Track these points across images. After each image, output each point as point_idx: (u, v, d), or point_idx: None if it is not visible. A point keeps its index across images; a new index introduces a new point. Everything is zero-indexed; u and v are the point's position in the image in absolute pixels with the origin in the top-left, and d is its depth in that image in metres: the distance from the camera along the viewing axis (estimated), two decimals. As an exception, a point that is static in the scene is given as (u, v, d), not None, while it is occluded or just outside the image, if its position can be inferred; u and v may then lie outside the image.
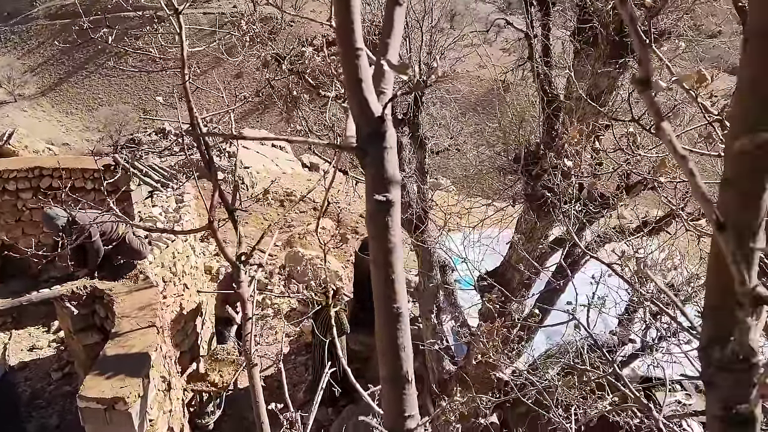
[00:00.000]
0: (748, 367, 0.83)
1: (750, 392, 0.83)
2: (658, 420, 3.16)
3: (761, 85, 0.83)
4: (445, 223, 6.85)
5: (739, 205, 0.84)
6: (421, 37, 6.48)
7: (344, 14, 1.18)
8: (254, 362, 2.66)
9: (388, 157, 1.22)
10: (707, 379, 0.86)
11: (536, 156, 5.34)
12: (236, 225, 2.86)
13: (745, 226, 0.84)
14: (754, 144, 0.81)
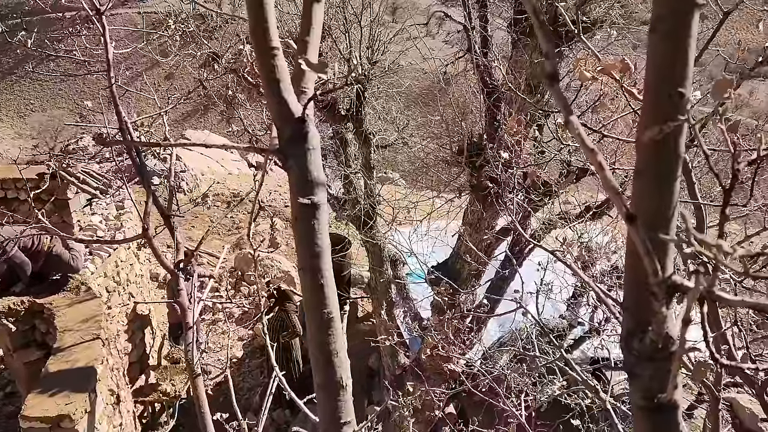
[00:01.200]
0: (667, 356, 0.83)
1: (672, 381, 0.84)
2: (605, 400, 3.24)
3: (667, 77, 0.83)
4: (393, 217, 6.86)
5: (651, 195, 0.84)
6: (360, 31, 6.45)
7: (257, 13, 1.14)
8: (198, 372, 2.59)
9: (311, 158, 1.19)
10: (629, 369, 0.87)
11: (479, 147, 5.39)
12: (173, 231, 2.77)
13: (657, 216, 0.84)
14: (662, 133, 0.82)
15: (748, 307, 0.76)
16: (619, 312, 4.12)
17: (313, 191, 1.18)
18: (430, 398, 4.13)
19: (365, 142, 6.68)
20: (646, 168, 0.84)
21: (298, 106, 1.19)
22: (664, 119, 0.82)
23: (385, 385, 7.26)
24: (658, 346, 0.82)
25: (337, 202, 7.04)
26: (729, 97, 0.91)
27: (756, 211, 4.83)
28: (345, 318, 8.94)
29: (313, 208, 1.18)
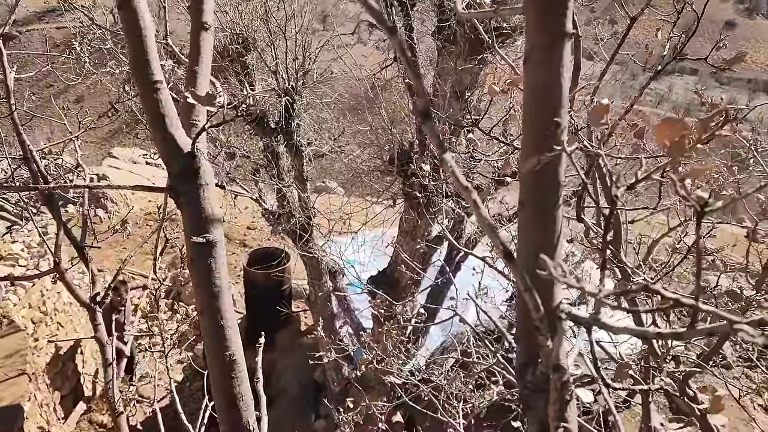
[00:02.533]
0: (560, 387, 0.83)
1: (566, 410, 0.83)
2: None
3: (543, 107, 0.83)
4: (330, 229, 6.80)
5: (534, 226, 0.84)
6: (285, 43, 6.38)
7: (137, 47, 1.08)
8: (120, 410, 2.47)
9: (204, 194, 1.14)
10: (525, 402, 0.86)
11: (409, 155, 5.41)
12: (87, 263, 2.64)
13: (541, 247, 0.84)
14: (541, 164, 0.81)
15: (632, 334, 0.77)
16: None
17: (207, 229, 1.13)
18: (372, 411, 4.10)
19: (297, 154, 6.60)
20: (528, 199, 0.84)
21: (187, 140, 1.14)
22: (541, 150, 0.81)
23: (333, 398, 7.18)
24: (549, 377, 0.82)
25: (272, 216, 6.93)
26: (605, 123, 0.92)
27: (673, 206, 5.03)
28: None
29: (209, 247, 1.13)
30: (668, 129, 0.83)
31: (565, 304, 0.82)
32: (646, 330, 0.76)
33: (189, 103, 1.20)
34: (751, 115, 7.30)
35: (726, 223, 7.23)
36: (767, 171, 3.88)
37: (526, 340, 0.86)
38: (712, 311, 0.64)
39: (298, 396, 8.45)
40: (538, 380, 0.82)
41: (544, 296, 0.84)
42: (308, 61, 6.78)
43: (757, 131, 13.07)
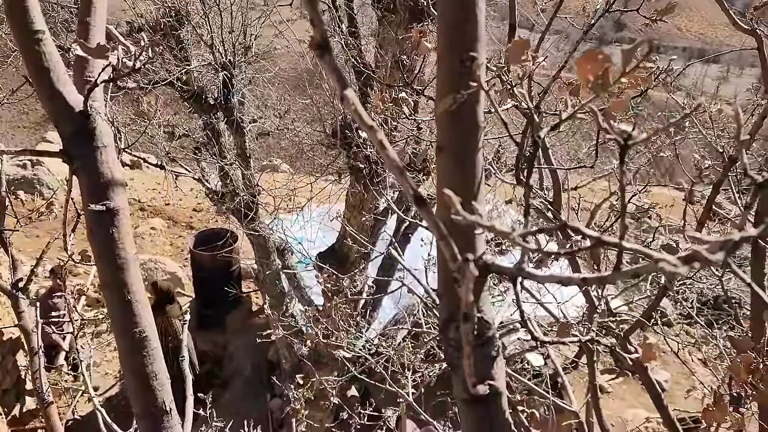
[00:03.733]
0: (486, 342, 0.77)
1: (492, 367, 0.78)
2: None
3: (457, 40, 0.76)
4: (276, 207, 6.66)
5: (453, 171, 0.77)
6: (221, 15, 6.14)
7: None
8: (49, 400, 2.33)
9: (102, 158, 1.03)
10: (449, 361, 0.80)
11: (352, 127, 5.31)
12: (6, 247, 2.47)
13: (461, 194, 0.78)
14: (456, 103, 0.75)
15: (557, 282, 0.72)
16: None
17: (107, 195, 1.03)
18: (323, 386, 4.05)
19: (238, 131, 6.40)
20: (445, 143, 0.78)
21: (79, 97, 1.02)
22: (456, 88, 0.75)
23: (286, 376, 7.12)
24: (474, 333, 0.76)
25: (215, 195, 6.73)
26: (526, 59, 0.86)
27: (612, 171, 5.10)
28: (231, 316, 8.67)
29: (110, 215, 1.03)
30: (590, 63, 0.78)
31: (489, 255, 0.77)
32: (571, 276, 0.71)
33: (81, 57, 1.08)
34: (686, 81, 7.19)
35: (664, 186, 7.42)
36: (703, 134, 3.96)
37: (447, 295, 0.80)
38: (635, 249, 0.59)
39: (252, 376, 8.35)
40: (460, 338, 0.77)
41: (464, 246, 0.78)
42: (247, 36, 6.57)
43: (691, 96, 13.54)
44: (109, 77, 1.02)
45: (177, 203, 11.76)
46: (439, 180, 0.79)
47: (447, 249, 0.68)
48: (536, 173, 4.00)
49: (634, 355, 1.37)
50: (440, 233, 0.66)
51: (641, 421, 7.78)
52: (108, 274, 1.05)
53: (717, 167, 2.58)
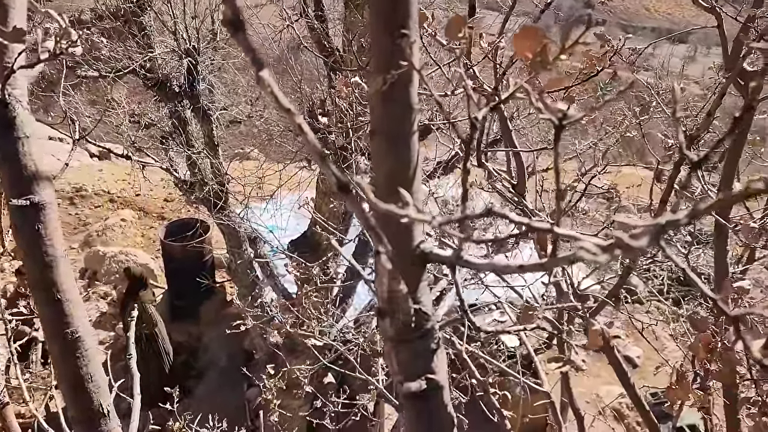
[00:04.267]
0: (423, 335, 0.74)
1: (432, 361, 0.75)
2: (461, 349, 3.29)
3: (389, 16, 0.72)
4: (247, 195, 6.57)
5: (386, 155, 0.73)
6: (183, 1, 5.99)
7: None
8: (5, 401, 2.26)
9: (24, 149, 0.97)
10: (389, 357, 0.77)
11: (323, 113, 5.23)
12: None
13: (395, 178, 0.74)
14: (387, 83, 0.71)
15: (495, 270, 0.68)
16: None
17: (31, 189, 0.97)
18: (295, 376, 4.02)
19: (205, 119, 6.28)
20: (378, 126, 0.74)
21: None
22: (387, 68, 0.71)
23: (260, 366, 7.07)
24: (411, 325, 0.73)
25: (184, 185, 6.61)
26: (464, 36, 0.83)
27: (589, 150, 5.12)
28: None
29: (35, 210, 0.97)
30: (527, 39, 0.74)
31: (428, 243, 0.73)
32: (508, 264, 0.67)
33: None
34: (654, 62, 7.21)
35: (633, 165, 7.48)
36: (667, 113, 3.97)
37: (381, 285, 0.76)
38: (566, 234, 0.55)
39: (228, 367, 8.28)
40: (400, 330, 0.74)
41: (401, 234, 0.74)
42: (213, 21, 6.43)
43: (659, 76, 13.60)
44: (29, 63, 0.95)
45: (147, 194, 11.55)
46: (373, 165, 0.74)
47: (374, 237, 0.64)
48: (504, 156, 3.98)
49: (582, 343, 1.36)
50: (366, 223, 0.62)
51: (615, 397, 7.89)
52: (36, 272, 0.99)
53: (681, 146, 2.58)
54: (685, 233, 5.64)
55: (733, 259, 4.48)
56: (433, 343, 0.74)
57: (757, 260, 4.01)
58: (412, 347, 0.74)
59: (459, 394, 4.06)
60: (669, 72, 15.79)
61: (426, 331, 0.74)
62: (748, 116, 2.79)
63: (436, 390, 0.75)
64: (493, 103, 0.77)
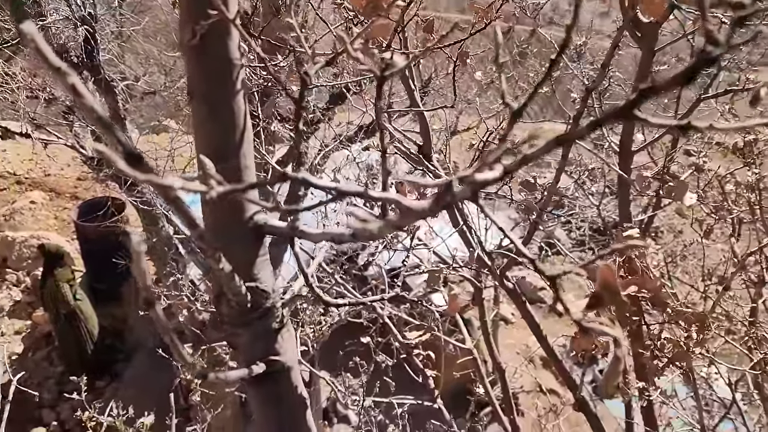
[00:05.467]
0: (262, 315, 0.68)
1: (275, 341, 0.69)
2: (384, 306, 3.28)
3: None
4: (163, 168, 6.28)
5: (207, 119, 0.65)
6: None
7: None
8: None
9: None
10: (228, 340, 0.70)
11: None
12: None
13: (220, 145, 0.66)
14: (197, 36, 0.62)
15: (329, 239, 0.63)
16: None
17: None
18: (217, 353, 3.92)
19: (108, 91, 5.91)
20: (195, 86, 0.65)
21: None
22: (197, 17, 0.62)
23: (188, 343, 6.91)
24: (247, 306, 0.67)
25: (92, 161, 6.26)
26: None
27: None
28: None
29: None
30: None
31: (261, 214, 0.67)
32: (342, 233, 0.61)
33: None
34: (569, 18, 7.22)
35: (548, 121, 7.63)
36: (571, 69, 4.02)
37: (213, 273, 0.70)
38: (380, 197, 0.50)
39: (156, 347, 8.05)
40: (234, 313, 0.67)
41: (232, 207, 0.67)
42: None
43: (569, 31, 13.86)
44: None
45: (58, 173, 10.94)
46: (194, 130, 0.66)
47: (182, 216, 0.56)
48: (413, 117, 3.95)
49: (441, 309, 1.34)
50: (167, 196, 0.55)
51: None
52: None
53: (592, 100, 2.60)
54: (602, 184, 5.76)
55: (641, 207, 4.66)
56: (275, 323, 0.68)
57: (663, 207, 4.17)
58: (251, 329, 0.68)
59: (386, 357, 4.09)
60: (579, 27, 16.03)
61: (266, 310, 0.67)
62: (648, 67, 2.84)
63: (282, 372, 0.69)
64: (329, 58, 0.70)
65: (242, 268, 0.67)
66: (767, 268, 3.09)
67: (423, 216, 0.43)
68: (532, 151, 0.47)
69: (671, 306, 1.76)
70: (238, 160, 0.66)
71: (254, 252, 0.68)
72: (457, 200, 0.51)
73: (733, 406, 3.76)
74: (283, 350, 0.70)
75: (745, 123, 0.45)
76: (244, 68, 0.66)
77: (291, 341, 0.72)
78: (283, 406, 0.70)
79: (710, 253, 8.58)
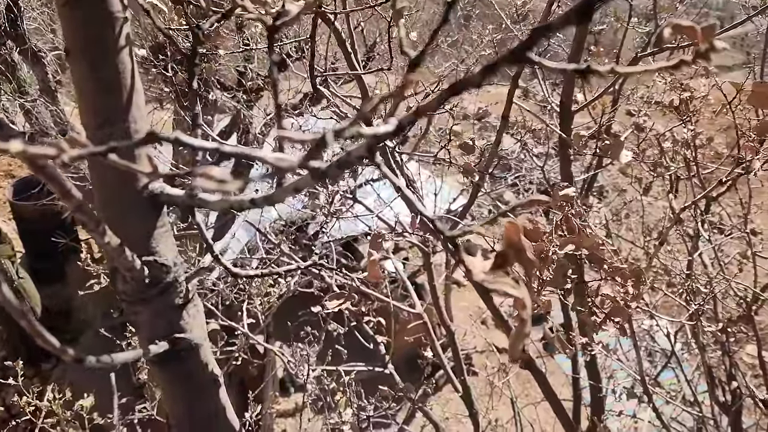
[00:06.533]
0: (163, 291, 0.63)
1: (180, 318, 0.64)
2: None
3: None
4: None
5: (86, 79, 0.59)
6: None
7: None
8: None
9: None
10: (128, 318, 0.65)
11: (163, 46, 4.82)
12: None
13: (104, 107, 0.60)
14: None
15: (228, 206, 0.58)
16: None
17: None
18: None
19: (36, 62, 5.60)
20: (72, 42, 0.59)
21: None
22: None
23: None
24: (144, 282, 0.62)
25: (23, 137, 5.95)
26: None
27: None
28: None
29: None
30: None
31: (157, 183, 0.61)
32: (242, 199, 0.57)
33: None
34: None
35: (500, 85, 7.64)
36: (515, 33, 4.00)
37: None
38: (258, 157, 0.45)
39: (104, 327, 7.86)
40: (131, 289, 0.62)
41: (123, 175, 0.62)
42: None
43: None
44: None
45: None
46: (75, 92, 0.60)
47: (51, 185, 0.51)
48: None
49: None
50: (34, 167, 0.49)
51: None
52: None
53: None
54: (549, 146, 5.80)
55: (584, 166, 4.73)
56: (178, 298, 0.64)
57: (604, 166, 4.25)
58: (151, 306, 0.63)
59: (337, 325, 4.08)
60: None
61: (166, 285, 0.63)
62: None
63: (189, 350, 0.65)
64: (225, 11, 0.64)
65: (139, 240, 0.62)
66: (702, 222, 3.19)
67: (291, 170, 0.39)
68: (425, 103, 0.43)
69: (608, 263, 1.78)
70: (127, 124, 0.61)
71: (151, 223, 0.63)
72: (353, 159, 0.47)
73: (672, 356, 3.92)
74: (190, 327, 0.66)
75: (647, 66, 0.42)
76: (128, 22, 0.60)
77: (199, 317, 0.68)
78: (191, 386, 0.66)
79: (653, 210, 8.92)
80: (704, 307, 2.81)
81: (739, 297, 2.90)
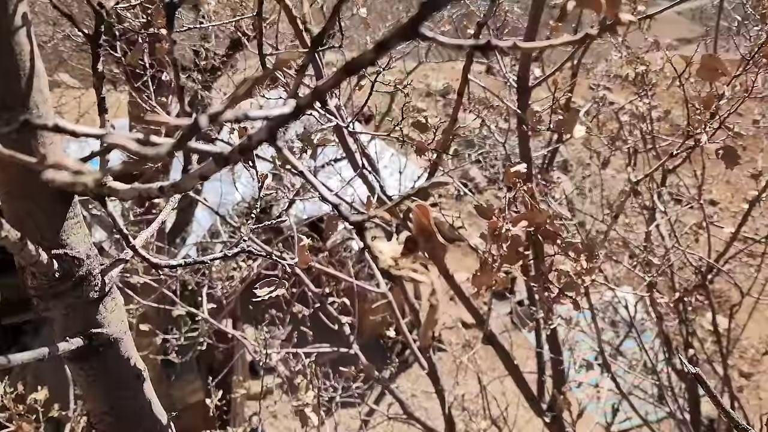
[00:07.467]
0: (76, 285, 0.60)
1: (96, 312, 0.61)
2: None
3: None
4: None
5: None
6: None
7: None
8: None
9: None
10: (46, 315, 0.62)
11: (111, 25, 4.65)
12: None
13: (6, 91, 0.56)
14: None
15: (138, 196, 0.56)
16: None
17: None
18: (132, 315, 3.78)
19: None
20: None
21: None
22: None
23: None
24: (54, 276, 0.59)
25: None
26: None
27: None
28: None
29: None
30: None
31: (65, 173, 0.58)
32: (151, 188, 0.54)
33: None
34: None
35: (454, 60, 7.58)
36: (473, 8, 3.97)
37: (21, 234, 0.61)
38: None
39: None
40: (40, 284, 0.59)
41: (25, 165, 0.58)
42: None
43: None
44: None
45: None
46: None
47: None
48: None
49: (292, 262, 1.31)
50: None
51: (463, 280, 8.44)
52: None
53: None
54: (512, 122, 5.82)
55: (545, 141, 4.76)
56: (92, 292, 0.61)
57: (564, 141, 4.29)
58: (63, 301, 0.60)
59: (302, 307, 4.07)
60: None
61: (79, 279, 0.60)
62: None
63: (108, 345, 0.62)
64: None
65: (47, 233, 0.59)
66: (659, 195, 3.23)
67: (158, 157, 0.37)
68: (321, 84, 0.41)
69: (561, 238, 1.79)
70: (27, 109, 0.57)
71: (60, 215, 0.59)
72: (254, 143, 0.45)
73: (632, 327, 4.00)
74: (107, 321, 0.63)
75: (551, 41, 0.40)
76: (24, 0, 0.56)
77: (118, 311, 0.65)
78: (111, 382, 0.64)
79: (616, 183, 8.99)
80: (659, 278, 2.87)
81: (695, 267, 2.97)
